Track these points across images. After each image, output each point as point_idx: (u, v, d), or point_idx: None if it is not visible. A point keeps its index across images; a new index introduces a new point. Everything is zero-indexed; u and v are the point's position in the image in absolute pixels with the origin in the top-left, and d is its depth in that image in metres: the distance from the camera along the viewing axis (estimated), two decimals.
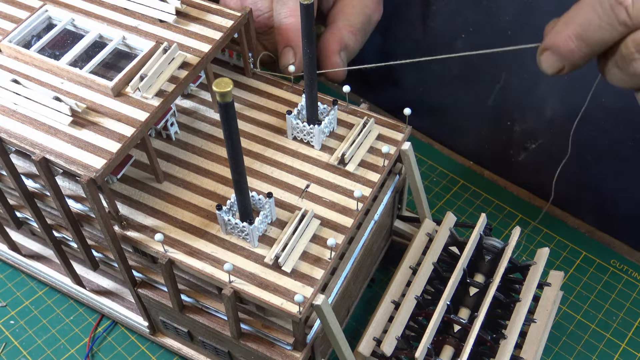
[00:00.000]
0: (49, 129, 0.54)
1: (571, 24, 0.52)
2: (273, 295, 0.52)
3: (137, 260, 0.61)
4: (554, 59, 0.54)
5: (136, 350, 0.68)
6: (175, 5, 0.61)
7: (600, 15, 0.50)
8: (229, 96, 0.44)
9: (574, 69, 0.54)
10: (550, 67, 0.55)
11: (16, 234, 0.72)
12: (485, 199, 0.80)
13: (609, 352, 0.67)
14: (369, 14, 0.76)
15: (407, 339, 0.61)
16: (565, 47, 0.53)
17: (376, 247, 0.69)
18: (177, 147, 0.63)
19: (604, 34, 0.50)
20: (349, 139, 0.62)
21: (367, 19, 0.76)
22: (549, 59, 0.55)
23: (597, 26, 0.50)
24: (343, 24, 0.73)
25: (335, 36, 0.72)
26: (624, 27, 0.49)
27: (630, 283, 0.72)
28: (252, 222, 0.54)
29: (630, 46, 0.49)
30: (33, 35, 0.60)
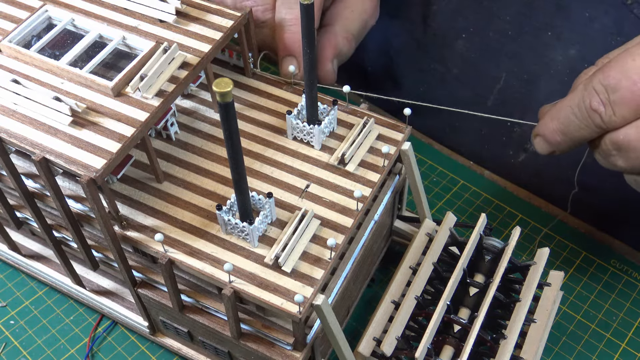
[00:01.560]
0: (49, 129, 0.54)
1: (556, 120, 0.58)
2: (273, 295, 0.52)
3: (137, 260, 0.61)
4: (545, 145, 0.60)
5: (136, 350, 0.68)
6: (175, 5, 0.61)
7: (578, 118, 0.55)
8: (229, 96, 0.44)
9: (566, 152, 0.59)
10: (542, 150, 0.61)
11: (16, 234, 0.72)
12: (485, 199, 0.80)
13: (609, 352, 0.67)
14: (366, 19, 0.75)
15: (407, 339, 0.61)
16: (552, 139, 0.59)
17: (376, 247, 0.69)
18: (177, 147, 0.63)
19: (583, 133, 0.56)
20: (349, 139, 0.62)
21: (363, 25, 0.75)
22: (540, 144, 0.61)
23: (576, 126, 0.56)
24: (340, 29, 0.72)
25: (330, 42, 0.71)
26: (600, 129, 0.54)
27: (630, 283, 0.72)
28: (252, 222, 0.54)
29: (607, 144, 0.55)
30: (33, 35, 0.60)
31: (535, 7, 0.75)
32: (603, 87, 0.53)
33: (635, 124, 0.52)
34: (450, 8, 0.82)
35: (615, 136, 0.54)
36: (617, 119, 0.53)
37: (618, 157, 0.55)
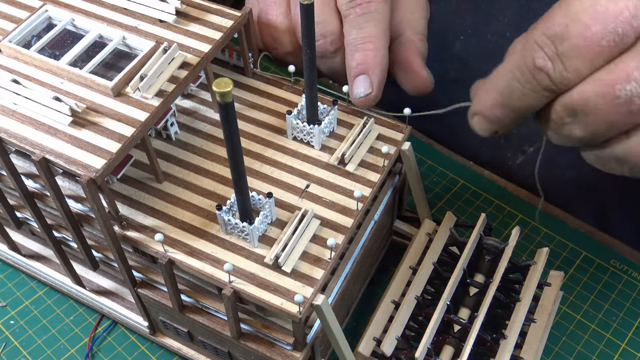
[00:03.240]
0: (49, 129, 0.54)
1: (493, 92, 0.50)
2: (273, 295, 0.52)
3: (137, 260, 0.61)
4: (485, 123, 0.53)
5: (136, 350, 0.68)
6: (175, 5, 0.61)
7: (521, 83, 0.47)
8: (229, 96, 0.44)
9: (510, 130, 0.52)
10: (483, 130, 0.53)
11: (16, 234, 0.72)
12: (485, 199, 0.80)
13: (609, 352, 0.67)
14: (426, 15, 0.71)
15: (407, 339, 0.61)
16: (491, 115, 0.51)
17: (376, 247, 0.69)
18: (177, 147, 0.63)
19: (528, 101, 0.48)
20: (349, 139, 0.62)
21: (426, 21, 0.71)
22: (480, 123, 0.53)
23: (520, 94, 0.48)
24: (412, 34, 0.68)
25: (412, 50, 0.67)
26: (549, 93, 0.46)
27: (630, 283, 0.72)
28: (252, 222, 0.54)
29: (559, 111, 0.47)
30: (33, 35, 0.60)
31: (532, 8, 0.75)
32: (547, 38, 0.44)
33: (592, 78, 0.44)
34: (449, 10, 0.82)
35: (569, 98, 0.45)
36: (570, 74, 0.45)
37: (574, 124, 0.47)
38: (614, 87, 0.43)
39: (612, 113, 0.44)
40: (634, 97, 0.43)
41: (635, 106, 0.44)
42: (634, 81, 0.43)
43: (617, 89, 0.43)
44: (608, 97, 0.44)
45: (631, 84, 0.43)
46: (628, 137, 0.46)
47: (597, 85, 0.44)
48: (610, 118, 0.45)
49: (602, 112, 0.45)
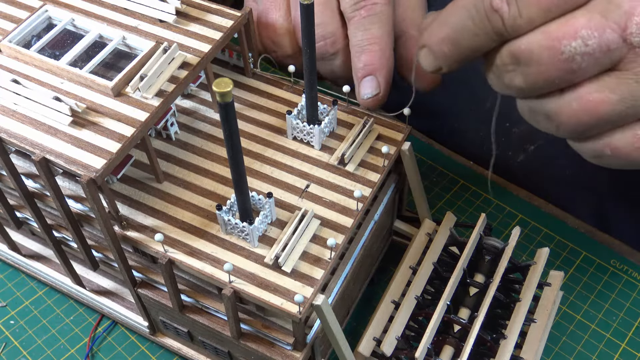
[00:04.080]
0: (49, 129, 0.54)
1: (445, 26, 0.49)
2: (273, 295, 0.52)
3: (137, 260, 0.61)
4: (431, 58, 0.52)
5: (136, 350, 0.68)
6: (175, 5, 0.61)
7: (474, 21, 0.47)
8: (229, 96, 0.44)
9: (453, 71, 0.52)
10: (427, 65, 0.53)
11: (16, 234, 0.72)
12: (485, 199, 0.80)
13: (609, 352, 0.67)
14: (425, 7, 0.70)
15: (407, 339, 0.61)
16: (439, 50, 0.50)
17: (376, 247, 0.69)
18: (177, 147, 0.63)
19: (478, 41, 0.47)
20: (349, 139, 0.62)
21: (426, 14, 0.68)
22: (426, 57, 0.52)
23: (471, 32, 0.47)
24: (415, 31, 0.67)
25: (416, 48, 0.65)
26: (499, 37, 0.46)
27: (630, 283, 0.72)
28: (252, 222, 0.54)
29: (504, 57, 0.47)
30: (33, 35, 0.60)
31: None
32: None
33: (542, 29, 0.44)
34: None
35: (516, 45, 0.45)
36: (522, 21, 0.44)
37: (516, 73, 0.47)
38: (561, 42, 0.44)
39: (553, 68, 0.45)
40: (576, 54, 0.44)
41: (576, 64, 0.44)
42: (580, 39, 0.43)
43: (563, 44, 0.44)
44: (552, 51, 0.44)
45: (577, 41, 0.43)
46: (562, 94, 0.47)
47: (545, 37, 0.44)
48: (550, 73, 0.45)
49: (544, 66, 0.45)
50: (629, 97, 0.45)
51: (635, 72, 0.44)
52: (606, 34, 0.43)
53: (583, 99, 0.46)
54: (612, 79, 0.45)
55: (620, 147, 0.48)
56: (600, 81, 0.45)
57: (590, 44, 0.43)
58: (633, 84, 0.44)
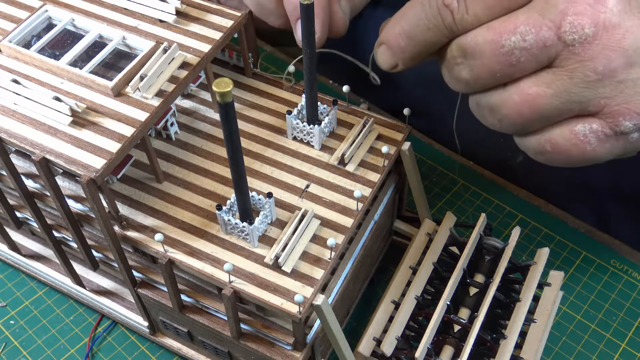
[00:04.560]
0: (49, 129, 0.54)
1: (401, 20, 0.52)
2: (273, 295, 0.52)
3: (137, 260, 0.61)
4: (388, 54, 0.54)
5: (136, 350, 0.68)
6: (175, 5, 0.61)
7: (427, 16, 0.49)
8: (229, 96, 0.44)
9: (409, 67, 0.54)
10: (384, 62, 0.55)
11: (16, 234, 0.72)
12: (485, 199, 0.80)
13: (609, 352, 0.67)
14: None
15: (407, 339, 0.61)
16: (395, 44, 0.53)
17: (376, 247, 0.69)
18: (177, 147, 0.63)
19: (430, 35, 0.50)
20: (349, 139, 0.62)
21: None
22: (383, 54, 0.55)
23: (424, 27, 0.50)
24: None
25: None
26: (449, 31, 0.49)
27: (630, 283, 0.72)
28: (252, 222, 0.54)
29: (453, 50, 0.50)
30: (33, 35, 0.60)
31: None
32: None
33: (487, 25, 0.47)
34: None
35: (463, 39, 0.48)
36: (470, 17, 0.48)
37: (463, 66, 0.49)
38: (501, 36, 0.47)
39: (495, 61, 0.48)
40: (515, 49, 0.46)
41: (515, 58, 0.47)
42: (519, 34, 0.46)
43: (504, 38, 0.47)
44: (494, 45, 0.47)
45: (516, 36, 0.46)
46: (505, 88, 0.50)
47: (488, 32, 0.47)
48: (492, 66, 0.48)
49: (487, 58, 0.48)
50: (564, 92, 0.47)
51: (568, 69, 0.46)
52: (542, 31, 0.46)
53: (523, 92, 0.48)
54: (549, 74, 0.47)
55: (560, 143, 0.51)
56: (538, 76, 0.48)
57: (527, 39, 0.46)
58: (567, 80, 0.47)
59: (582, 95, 0.47)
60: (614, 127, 0.48)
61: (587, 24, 0.45)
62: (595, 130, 0.49)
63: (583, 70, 0.46)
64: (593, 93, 0.47)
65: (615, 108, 0.47)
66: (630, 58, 0.45)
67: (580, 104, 0.48)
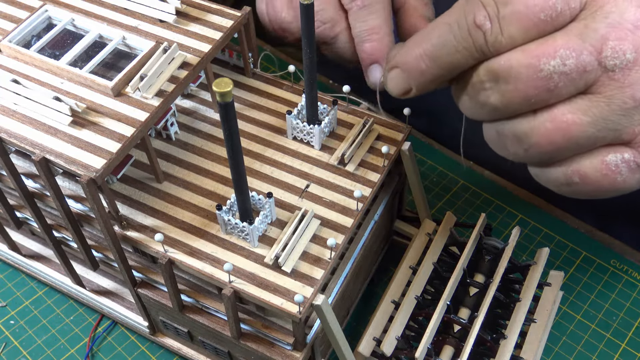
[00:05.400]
0: (49, 129, 0.54)
1: (424, 42, 0.49)
2: (273, 295, 0.52)
3: (137, 260, 0.61)
4: (402, 78, 0.52)
5: (136, 350, 0.68)
6: (175, 5, 0.61)
7: (456, 37, 0.47)
8: (229, 96, 0.44)
9: (422, 92, 0.52)
10: (397, 87, 0.53)
11: (16, 234, 0.72)
12: (485, 199, 0.80)
13: (609, 352, 0.67)
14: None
15: (407, 339, 0.61)
16: (415, 66, 0.50)
17: (376, 247, 0.69)
18: (177, 147, 0.63)
19: (458, 58, 0.48)
20: (349, 139, 0.62)
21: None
22: (396, 78, 0.52)
23: (452, 48, 0.47)
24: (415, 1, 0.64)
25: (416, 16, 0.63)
26: (479, 54, 0.47)
27: (630, 283, 0.72)
28: (252, 222, 0.54)
29: (481, 74, 0.47)
30: (33, 35, 0.60)
31: None
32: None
33: (522, 47, 0.45)
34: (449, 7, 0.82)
35: (495, 62, 0.46)
36: (504, 39, 0.45)
37: (492, 91, 0.47)
38: (540, 60, 0.45)
39: (531, 86, 0.45)
40: (554, 73, 0.45)
41: (553, 83, 0.45)
42: (559, 58, 0.44)
43: (542, 62, 0.45)
44: (531, 69, 0.45)
45: (556, 60, 0.44)
46: (535, 115, 0.47)
47: (524, 55, 0.45)
48: (527, 91, 0.46)
49: (522, 83, 0.45)
50: (601, 120, 0.46)
51: (606, 96, 0.45)
52: (583, 56, 0.44)
53: (557, 119, 0.46)
54: (585, 101, 0.46)
55: (589, 174, 0.49)
56: (573, 103, 0.46)
57: (568, 63, 0.44)
58: (605, 107, 0.45)
59: (618, 123, 0.46)
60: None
61: (628, 49, 0.44)
62: (627, 160, 0.47)
63: (621, 96, 0.45)
64: (629, 121, 0.46)
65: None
66: None
67: (615, 131, 0.46)
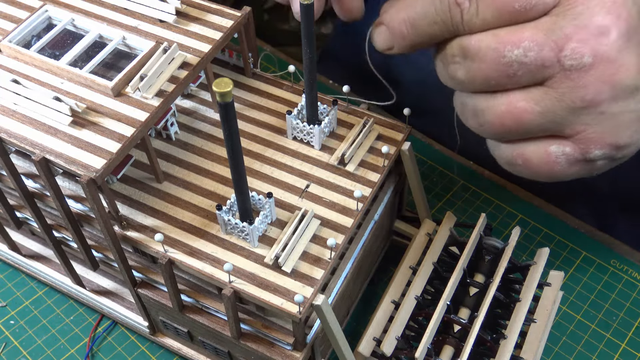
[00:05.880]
0: (49, 129, 0.54)
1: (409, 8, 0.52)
2: (273, 295, 0.52)
3: (137, 260, 0.61)
4: (386, 36, 0.54)
5: (136, 350, 0.68)
6: (175, 5, 0.61)
7: (437, 10, 0.50)
8: (229, 96, 0.44)
9: (403, 53, 0.54)
10: (381, 42, 0.55)
11: (16, 234, 0.72)
12: (485, 199, 0.80)
13: (609, 352, 0.67)
14: None
15: (407, 339, 0.61)
16: (398, 29, 0.53)
17: (376, 247, 0.69)
18: (177, 147, 0.63)
19: (435, 29, 0.51)
20: (349, 139, 0.62)
21: None
22: (381, 34, 0.55)
23: (431, 19, 0.50)
24: None
25: None
26: (455, 29, 0.50)
27: (630, 283, 0.72)
28: (252, 222, 0.54)
29: (454, 48, 0.50)
30: (33, 35, 0.60)
31: None
32: None
33: (494, 32, 0.48)
34: None
35: (467, 40, 0.49)
36: (478, 20, 0.48)
37: (460, 65, 0.50)
38: (505, 47, 0.47)
39: (493, 69, 0.48)
40: (515, 62, 0.47)
41: (512, 70, 0.47)
42: (522, 48, 0.47)
43: (507, 49, 0.47)
44: (496, 53, 0.48)
45: (519, 50, 0.47)
46: (493, 95, 0.50)
47: (493, 39, 0.48)
48: (489, 72, 0.49)
49: (486, 64, 0.48)
50: (550, 113, 0.48)
51: (560, 92, 0.47)
52: (544, 51, 0.46)
53: (511, 104, 0.49)
54: (540, 92, 0.48)
55: (531, 159, 0.52)
56: (529, 92, 0.49)
57: (529, 55, 0.47)
58: (556, 102, 0.48)
59: (565, 119, 0.48)
60: (585, 153, 0.50)
61: (587, 53, 0.46)
62: (568, 153, 0.50)
63: (573, 96, 0.47)
64: (575, 119, 0.48)
65: (591, 136, 0.49)
66: (617, 92, 0.47)
67: (562, 125, 0.49)
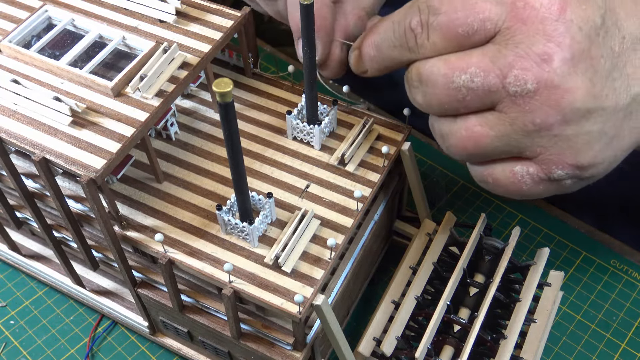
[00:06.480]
0: (49, 129, 0.54)
1: (375, 33, 0.54)
2: (273, 295, 0.52)
3: (137, 260, 0.61)
4: (359, 60, 0.57)
5: (136, 350, 0.68)
6: (175, 5, 0.61)
7: (395, 35, 0.52)
8: (229, 96, 0.44)
9: (377, 75, 0.56)
10: (355, 66, 0.57)
11: (16, 234, 0.72)
12: (485, 199, 0.80)
13: (609, 352, 0.67)
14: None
15: (407, 339, 0.61)
16: (366, 52, 0.55)
17: (376, 247, 0.69)
18: (177, 147, 0.63)
19: (395, 53, 0.53)
20: (349, 139, 0.62)
21: None
22: (355, 58, 0.57)
23: (391, 43, 0.52)
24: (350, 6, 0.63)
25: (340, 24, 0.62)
26: (411, 54, 0.51)
27: (630, 283, 0.72)
28: (252, 222, 0.54)
29: (413, 72, 0.52)
30: (33, 36, 0.60)
31: None
32: (427, 7, 0.49)
33: (445, 57, 0.49)
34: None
35: (422, 65, 0.50)
36: (429, 46, 0.50)
37: (418, 90, 0.52)
38: (453, 72, 0.49)
39: (444, 94, 0.50)
40: (463, 87, 0.49)
41: (461, 95, 0.49)
42: (469, 74, 0.48)
43: (455, 74, 0.49)
44: (445, 79, 0.49)
45: (466, 75, 0.48)
46: (454, 120, 0.52)
47: (443, 65, 0.49)
48: (441, 97, 0.50)
49: (438, 89, 0.50)
50: (505, 137, 0.49)
51: (510, 117, 0.48)
52: (490, 77, 0.47)
53: (468, 129, 0.51)
54: (494, 117, 0.49)
55: (500, 179, 0.53)
56: (484, 116, 0.50)
57: (475, 81, 0.48)
58: (508, 126, 0.49)
59: (520, 142, 0.49)
60: (548, 173, 0.51)
61: (530, 79, 0.46)
62: (532, 173, 0.51)
63: (522, 120, 0.48)
64: (530, 141, 0.49)
65: (550, 157, 0.50)
66: (567, 116, 0.47)
67: (518, 148, 0.50)
